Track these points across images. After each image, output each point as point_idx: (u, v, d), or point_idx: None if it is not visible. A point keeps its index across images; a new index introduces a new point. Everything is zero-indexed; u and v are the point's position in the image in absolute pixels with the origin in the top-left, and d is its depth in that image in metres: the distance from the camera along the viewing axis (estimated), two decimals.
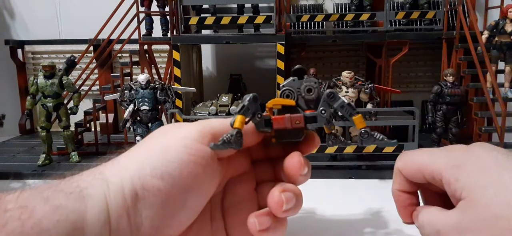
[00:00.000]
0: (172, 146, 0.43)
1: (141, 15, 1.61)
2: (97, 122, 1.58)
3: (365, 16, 1.58)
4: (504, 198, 0.39)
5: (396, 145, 0.47)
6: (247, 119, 0.46)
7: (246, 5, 1.66)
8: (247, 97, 0.47)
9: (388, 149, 1.22)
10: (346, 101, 0.49)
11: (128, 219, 0.39)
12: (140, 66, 1.66)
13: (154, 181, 0.40)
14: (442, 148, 0.48)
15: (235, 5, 1.69)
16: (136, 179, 0.40)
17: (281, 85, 0.51)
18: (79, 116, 1.50)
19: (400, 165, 0.51)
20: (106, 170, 0.41)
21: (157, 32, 1.67)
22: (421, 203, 0.53)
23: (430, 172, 0.46)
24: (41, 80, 1.34)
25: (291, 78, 0.49)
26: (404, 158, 0.51)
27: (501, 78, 1.48)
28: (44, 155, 1.34)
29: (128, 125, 1.34)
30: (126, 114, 1.32)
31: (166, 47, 1.68)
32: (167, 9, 1.60)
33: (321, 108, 0.48)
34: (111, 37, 1.63)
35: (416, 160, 0.49)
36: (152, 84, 1.33)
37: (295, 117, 0.46)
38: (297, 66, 0.51)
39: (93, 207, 0.37)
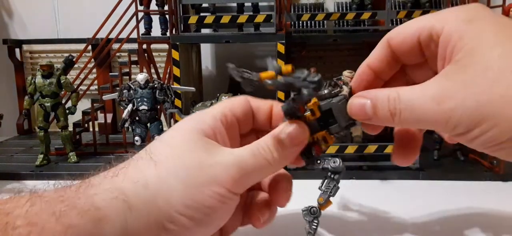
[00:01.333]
0: (206, 187, 0.39)
1: (140, 14, 1.60)
2: (96, 122, 1.56)
3: (366, 15, 1.56)
4: (509, 62, 0.31)
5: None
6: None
7: (246, 4, 1.65)
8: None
9: (390, 149, 1.20)
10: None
11: None
12: (138, 66, 1.64)
13: (183, 219, 0.39)
14: (451, 8, 0.40)
15: (235, 4, 1.68)
16: (165, 211, 0.38)
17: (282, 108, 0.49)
18: (77, 116, 1.49)
19: (392, 32, 0.43)
20: (127, 189, 0.38)
21: (156, 31, 1.65)
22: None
23: (430, 27, 0.38)
24: (39, 79, 1.32)
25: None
26: (399, 26, 0.44)
27: None
28: (42, 155, 1.33)
29: (126, 125, 1.33)
30: (125, 114, 1.31)
31: (165, 46, 1.67)
32: (166, 8, 1.59)
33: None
34: (110, 36, 1.62)
35: (414, 21, 0.41)
36: (151, 84, 1.32)
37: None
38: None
39: (111, 233, 0.35)
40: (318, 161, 0.51)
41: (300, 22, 1.69)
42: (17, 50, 1.91)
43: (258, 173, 0.43)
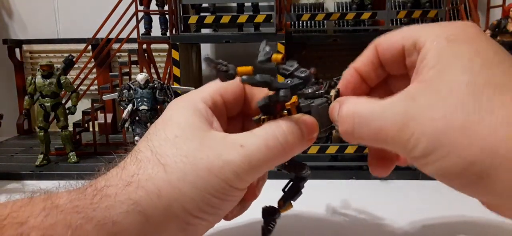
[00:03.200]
0: (219, 191, 0.39)
1: (140, 14, 1.60)
2: (96, 122, 1.56)
3: (366, 15, 1.56)
4: (472, 93, 0.30)
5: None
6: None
7: (246, 4, 1.65)
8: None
9: None
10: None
11: None
12: (138, 66, 1.64)
13: (198, 221, 0.40)
14: (441, 22, 0.40)
15: (235, 4, 1.68)
16: (182, 218, 0.39)
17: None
18: (77, 116, 1.49)
19: (380, 38, 0.43)
20: (142, 199, 0.37)
21: (156, 31, 1.65)
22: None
23: (415, 37, 0.38)
24: (39, 79, 1.32)
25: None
26: (388, 32, 0.43)
27: None
28: (42, 156, 1.33)
29: (126, 125, 1.33)
30: (125, 114, 1.31)
31: (165, 46, 1.67)
32: (166, 8, 1.59)
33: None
34: (110, 36, 1.62)
35: (402, 30, 0.41)
36: (151, 84, 1.32)
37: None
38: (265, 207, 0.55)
39: None
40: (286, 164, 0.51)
41: (300, 22, 1.69)
42: (17, 50, 1.91)
43: (266, 167, 0.43)
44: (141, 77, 1.31)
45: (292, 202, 0.55)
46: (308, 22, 1.70)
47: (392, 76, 0.45)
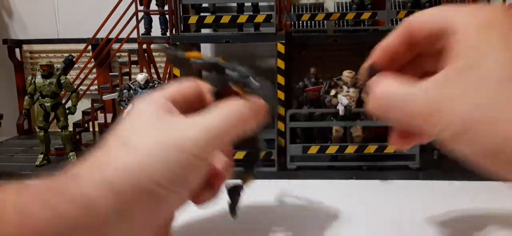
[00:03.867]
0: (182, 157, 0.42)
1: (140, 14, 1.60)
2: (96, 122, 1.56)
3: (366, 15, 1.56)
4: (508, 74, 0.32)
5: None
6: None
7: (246, 4, 1.65)
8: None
9: (389, 149, 1.21)
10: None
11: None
12: (139, 66, 1.64)
13: (168, 190, 0.42)
14: (474, 5, 0.40)
15: (235, 4, 1.68)
16: (152, 189, 0.40)
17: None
18: (77, 116, 1.49)
19: (414, 15, 0.44)
20: (111, 176, 0.40)
21: (156, 31, 1.65)
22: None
23: (448, 22, 0.39)
24: (39, 79, 1.32)
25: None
26: (420, 13, 0.44)
27: None
28: (42, 156, 1.33)
29: None
30: (125, 114, 1.31)
31: None
32: (166, 8, 1.59)
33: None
34: (110, 36, 1.62)
35: (435, 11, 0.42)
36: (151, 84, 1.32)
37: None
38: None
39: (102, 218, 0.37)
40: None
41: (300, 22, 1.68)
42: (17, 50, 1.92)
43: (224, 137, 0.47)
44: (141, 77, 1.31)
45: (253, 173, 0.57)
46: (308, 22, 1.70)
47: (422, 54, 0.46)
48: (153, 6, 1.65)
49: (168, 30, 1.58)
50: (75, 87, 1.50)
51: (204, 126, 0.44)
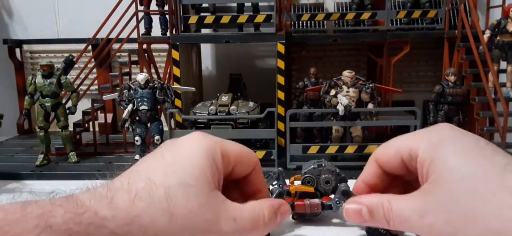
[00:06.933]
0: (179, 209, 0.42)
1: (140, 14, 1.60)
2: (96, 122, 1.57)
3: (366, 15, 1.56)
4: (469, 185, 0.38)
5: None
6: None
7: (246, 4, 1.65)
8: (274, 194, 0.53)
9: None
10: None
11: None
12: (139, 66, 1.64)
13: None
14: (427, 128, 0.47)
15: (235, 4, 1.68)
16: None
17: (303, 171, 0.55)
18: (77, 116, 1.49)
19: (378, 153, 0.51)
20: None
21: (156, 31, 1.66)
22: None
23: (408, 149, 0.46)
24: (39, 79, 1.32)
25: (312, 165, 0.53)
26: (382, 146, 0.51)
27: (502, 77, 1.47)
28: (42, 156, 1.33)
29: (127, 125, 1.33)
30: (125, 114, 1.31)
31: (165, 46, 1.67)
32: (166, 8, 1.59)
33: (336, 199, 0.54)
34: (110, 36, 1.62)
35: (394, 143, 0.49)
36: (151, 84, 1.32)
37: (314, 204, 0.53)
38: None
39: None
40: None
41: (300, 22, 1.69)
42: (18, 50, 1.92)
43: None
44: (141, 77, 1.31)
45: None
46: (308, 22, 1.70)
47: (397, 175, 0.51)
48: (153, 6, 1.65)
49: (168, 30, 1.58)
50: (76, 87, 1.50)
51: (237, 228, 0.45)
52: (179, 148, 0.46)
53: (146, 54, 1.64)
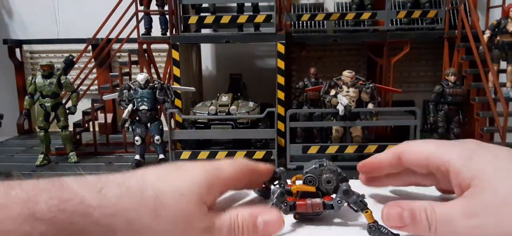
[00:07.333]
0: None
1: (140, 14, 1.60)
2: (96, 122, 1.57)
3: (366, 15, 1.56)
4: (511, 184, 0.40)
5: None
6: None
7: (246, 4, 1.65)
8: (275, 194, 0.52)
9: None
10: (359, 196, 0.53)
11: None
12: (139, 66, 1.64)
13: None
14: (452, 141, 0.47)
15: (235, 4, 1.68)
16: None
17: (304, 171, 0.54)
18: (77, 116, 1.49)
19: (404, 148, 0.49)
20: None
21: (156, 31, 1.65)
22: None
23: (437, 161, 0.46)
24: (39, 79, 1.33)
25: (313, 165, 0.52)
26: (409, 144, 0.50)
27: (502, 77, 1.47)
28: (42, 155, 1.33)
29: (127, 125, 1.33)
30: (125, 114, 1.31)
31: (165, 46, 1.67)
32: (166, 8, 1.59)
33: (338, 199, 0.54)
34: (110, 36, 1.62)
35: (423, 149, 0.48)
36: (151, 84, 1.32)
37: (315, 204, 0.52)
38: None
39: None
40: None
41: (300, 22, 1.69)
42: (18, 50, 1.92)
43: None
44: (141, 77, 1.31)
45: None
46: (308, 22, 1.70)
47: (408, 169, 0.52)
48: (153, 6, 1.65)
49: (168, 30, 1.59)
50: (75, 87, 1.51)
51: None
52: (182, 165, 0.47)
53: (146, 54, 1.64)
